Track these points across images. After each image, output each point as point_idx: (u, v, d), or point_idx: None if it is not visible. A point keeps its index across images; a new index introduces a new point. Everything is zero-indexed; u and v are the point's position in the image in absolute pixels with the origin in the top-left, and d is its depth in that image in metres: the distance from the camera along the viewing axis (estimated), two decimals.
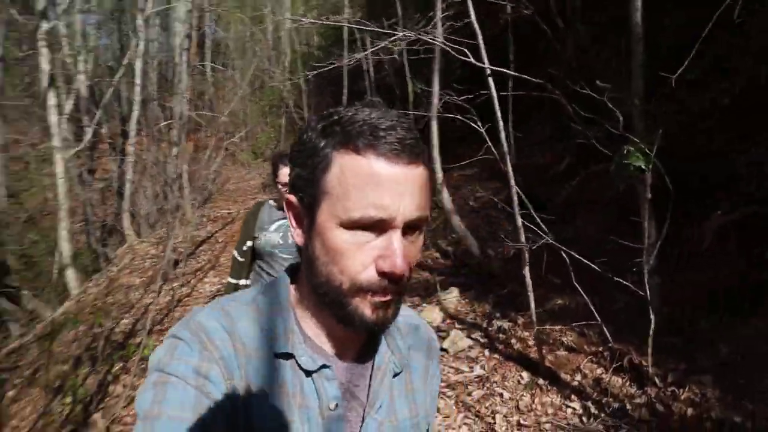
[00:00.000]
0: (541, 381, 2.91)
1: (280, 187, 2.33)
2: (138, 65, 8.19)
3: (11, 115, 11.47)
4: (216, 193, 12.57)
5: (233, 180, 14.21)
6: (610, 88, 2.53)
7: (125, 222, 8.22)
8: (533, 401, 2.78)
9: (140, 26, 8.06)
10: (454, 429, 2.71)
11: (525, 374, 3.02)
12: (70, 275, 6.94)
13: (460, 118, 3.12)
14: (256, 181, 13.55)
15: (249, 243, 2.45)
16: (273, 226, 2.40)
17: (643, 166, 2.37)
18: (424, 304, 4.23)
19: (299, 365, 0.58)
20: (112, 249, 8.43)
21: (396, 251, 0.52)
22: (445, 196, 4.50)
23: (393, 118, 0.54)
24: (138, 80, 8.37)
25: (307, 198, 0.57)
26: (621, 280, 2.46)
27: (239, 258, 2.50)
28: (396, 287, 0.54)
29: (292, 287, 0.64)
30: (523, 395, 2.86)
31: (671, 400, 2.40)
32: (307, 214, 0.57)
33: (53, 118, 7.54)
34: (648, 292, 2.40)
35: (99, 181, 11.83)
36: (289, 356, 0.58)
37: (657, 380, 2.45)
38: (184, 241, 6.79)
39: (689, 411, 2.30)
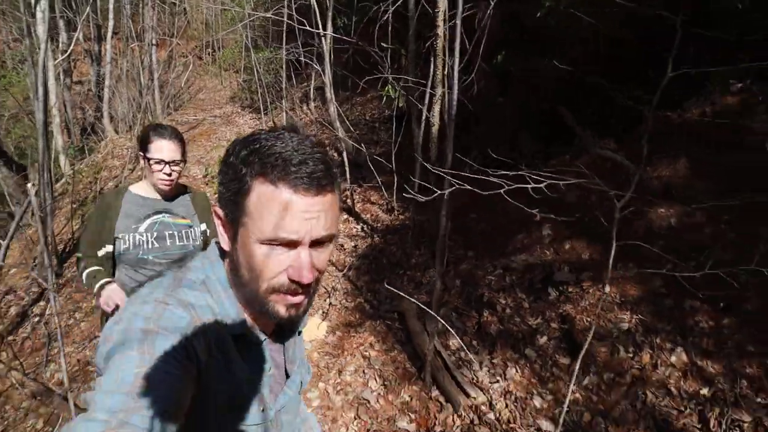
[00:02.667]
0: (351, 219, 5.16)
1: (150, 165, 1.82)
2: None
3: None
4: (187, 101, 13.91)
5: (205, 90, 15.45)
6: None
7: (105, 121, 9.86)
8: (343, 228, 5.04)
9: None
10: None
11: (346, 216, 5.26)
12: (63, 160, 8.84)
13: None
14: (226, 92, 14.81)
15: (109, 247, 1.86)
16: (143, 225, 1.88)
17: (393, 96, 4.39)
18: None
19: (248, 341, 0.73)
20: (94, 144, 9.90)
21: (303, 264, 0.64)
22: (332, 110, 6.46)
23: (306, 150, 0.63)
24: None
25: (230, 214, 0.67)
26: (381, 160, 4.61)
27: (94, 268, 1.84)
28: (305, 289, 0.67)
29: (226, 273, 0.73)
30: (339, 225, 5.11)
31: (400, 218, 4.67)
32: (231, 228, 0.68)
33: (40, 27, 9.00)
34: (394, 165, 4.54)
35: (77, 84, 12.88)
36: (240, 336, 0.71)
37: (395, 213, 4.70)
38: None
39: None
